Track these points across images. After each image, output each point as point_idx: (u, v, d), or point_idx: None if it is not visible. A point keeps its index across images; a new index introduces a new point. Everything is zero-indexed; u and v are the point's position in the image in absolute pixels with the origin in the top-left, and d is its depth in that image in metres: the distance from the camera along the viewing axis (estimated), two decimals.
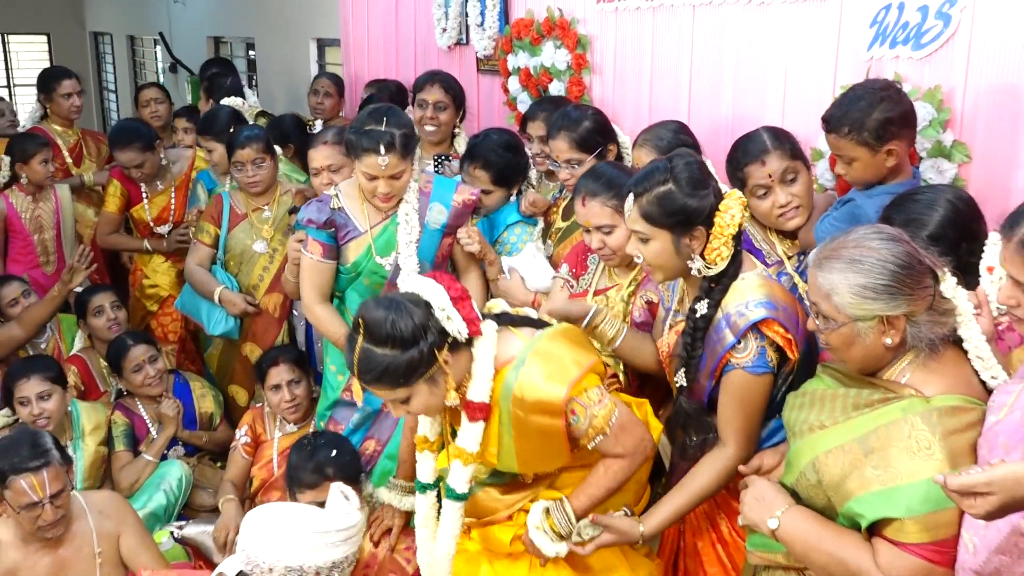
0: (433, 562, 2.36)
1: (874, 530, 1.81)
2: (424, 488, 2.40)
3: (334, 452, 2.67)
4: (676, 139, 2.95)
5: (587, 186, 2.68)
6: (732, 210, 2.20)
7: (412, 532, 2.76)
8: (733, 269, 2.25)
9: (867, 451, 1.80)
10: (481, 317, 2.21)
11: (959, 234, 2.07)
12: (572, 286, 2.85)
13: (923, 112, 2.61)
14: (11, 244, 4.74)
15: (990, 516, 1.49)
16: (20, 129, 5.58)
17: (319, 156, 3.44)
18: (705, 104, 3.43)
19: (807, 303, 2.28)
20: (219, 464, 4.05)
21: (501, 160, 3.31)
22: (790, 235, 2.70)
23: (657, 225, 2.23)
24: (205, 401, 4.16)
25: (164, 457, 3.86)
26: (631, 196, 2.28)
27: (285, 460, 3.53)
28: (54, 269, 4.80)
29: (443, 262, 3.13)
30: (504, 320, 2.28)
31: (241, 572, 1.87)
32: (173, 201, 4.54)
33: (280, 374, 3.62)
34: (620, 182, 2.58)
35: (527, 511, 2.36)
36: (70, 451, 3.61)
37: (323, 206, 3.02)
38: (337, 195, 3.03)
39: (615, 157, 3.20)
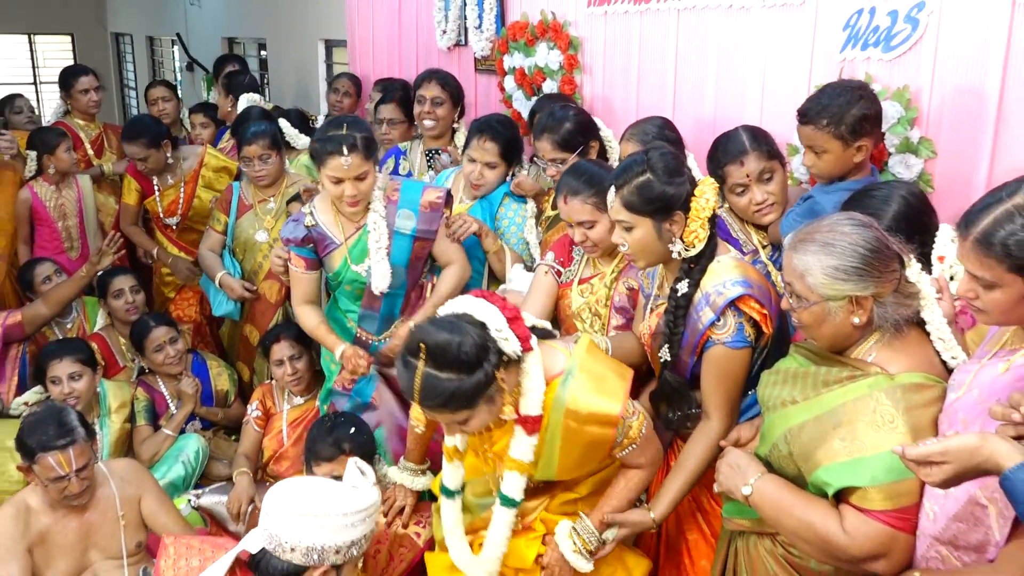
0: (474, 561, 2.31)
1: (840, 497, 1.82)
2: (452, 494, 2.36)
3: (352, 430, 2.68)
4: (660, 134, 2.95)
5: (568, 185, 2.67)
6: (706, 195, 2.24)
7: (421, 508, 2.78)
8: (710, 250, 2.28)
9: (835, 424, 1.82)
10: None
11: (912, 227, 2.08)
12: (559, 273, 2.86)
13: (892, 110, 2.62)
14: (37, 232, 4.74)
15: (946, 484, 1.51)
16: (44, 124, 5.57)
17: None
18: (689, 102, 3.43)
19: (779, 288, 2.31)
20: (233, 437, 4.07)
21: (508, 133, 3.30)
22: (764, 226, 2.72)
23: (639, 213, 2.25)
24: (221, 379, 4.19)
25: (182, 431, 3.88)
26: (613, 189, 2.29)
27: (293, 431, 3.57)
28: (78, 255, 4.80)
29: (417, 263, 3.11)
30: (535, 334, 2.19)
31: (263, 548, 1.85)
32: (182, 195, 4.52)
33: (282, 350, 3.67)
34: (599, 180, 2.59)
35: (544, 521, 2.35)
36: (97, 427, 3.64)
37: (298, 225, 3.04)
38: (312, 212, 3.04)
39: (599, 151, 3.20)
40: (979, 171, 2.45)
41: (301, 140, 4.63)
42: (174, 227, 4.59)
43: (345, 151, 2.81)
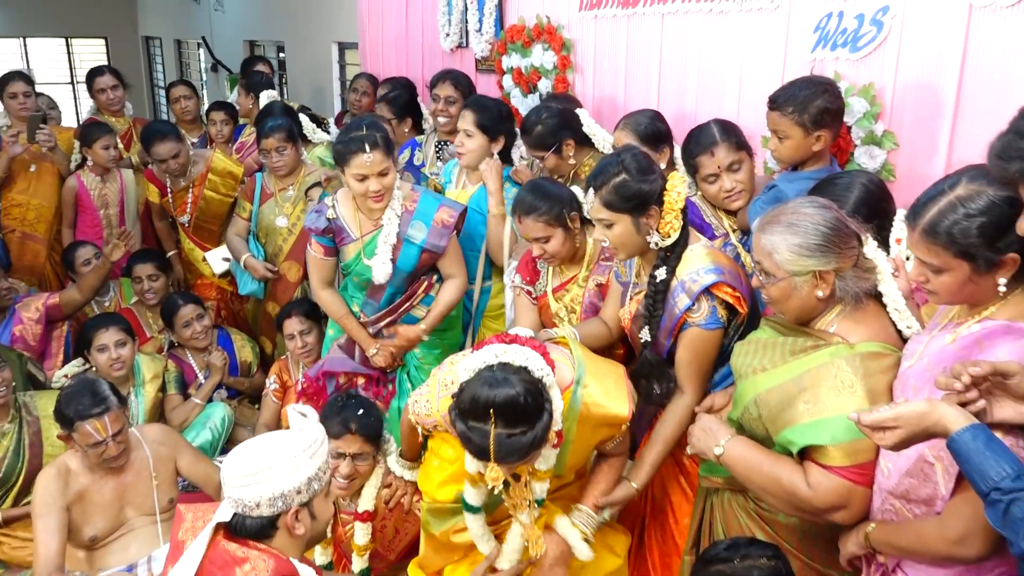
0: (505, 551, 2.23)
1: (805, 455, 1.85)
2: (476, 510, 2.20)
3: (360, 411, 2.67)
4: (652, 125, 2.95)
5: (521, 205, 2.67)
6: (677, 188, 2.25)
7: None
8: (683, 238, 2.30)
9: (800, 389, 1.84)
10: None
11: (872, 212, 2.09)
12: (531, 292, 2.86)
13: (858, 106, 2.62)
14: (80, 218, 4.75)
15: (897, 447, 1.52)
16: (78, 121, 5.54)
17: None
18: (672, 98, 3.43)
19: (749, 269, 2.32)
20: (256, 406, 4.10)
21: (489, 108, 3.28)
22: (734, 212, 2.73)
23: (617, 211, 2.26)
24: (244, 351, 4.22)
25: (210, 400, 3.91)
26: (591, 191, 2.29)
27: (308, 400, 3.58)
28: None
29: (422, 269, 3.10)
30: None
31: (235, 513, 1.82)
32: (190, 197, 4.51)
33: (293, 325, 3.70)
34: (550, 199, 2.62)
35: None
36: (132, 396, 3.67)
37: (320, 216, 3.05)
38: (334, 206, 3.05)
39: (578, 143, 3.19)
40: (937, 162, 2.46)
41: (318, 135, 4.63)
42: (187, 224, 4.60)
43: (367, 148, 2.82)
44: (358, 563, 2.53)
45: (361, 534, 2.51)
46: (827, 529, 1.93)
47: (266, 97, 4.84)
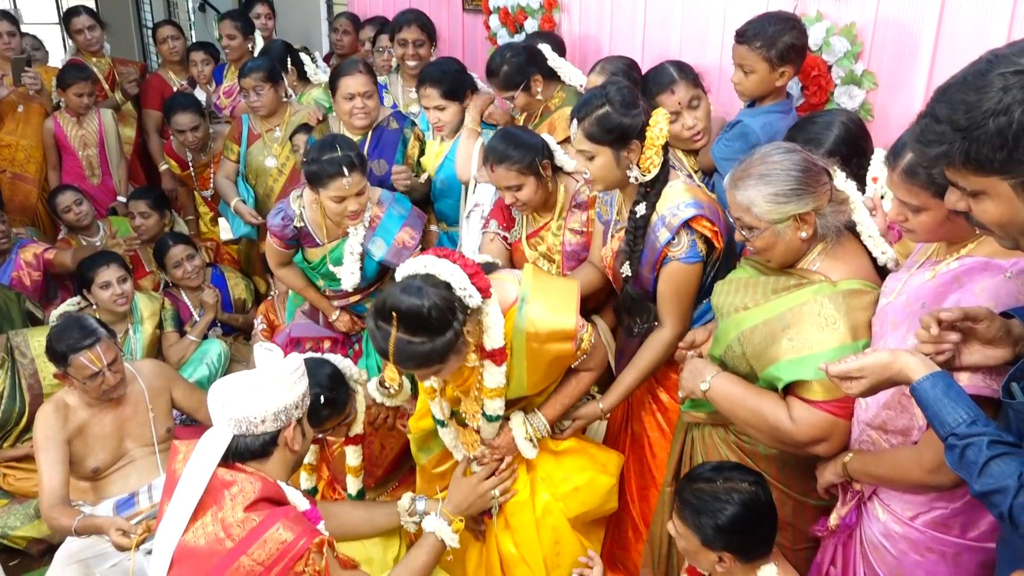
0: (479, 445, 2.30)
1: (788, 390, 1.84)
2: (443, 423, 2.31)
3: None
4: (626, 72, 2.88)
5: (493, 154, 2.57)
6: (660, 124, 2.18)
7: (402, 413, 2.71)
8: (663, 175, 2.23)
9: (784, 327, 1.82)
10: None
11: (851, 150, 2.05)
12: (505, 239, 2.80)
13: (839, 45, 2.55)
14: (64, 160, 4.64)
15: (864, 394, 1.52)
16: (61, 61, 5.34)
17: (356, 83, 3.28)
18: (657, 38, 3.33)
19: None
20: (250, 342, 4.06)
21: (444, 75, 3.19)
22: (694, 153, 2.68)
23: (599, 143, 2.19)
24: (238, 289, 4.18)
25: (205, 336, 3.87)
26: (575, 122, 2.22)
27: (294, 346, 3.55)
28: (99, 182, 4.70)
29: (385, 272, 3.07)
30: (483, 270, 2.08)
31: (233, 436, 1.78)
32: (212, 173, 4.43)
33: None
34: (521, 147, 2.54)
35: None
36: (131, 334, 3.62)
37: (285, 222, 2.94)
38: (301, 214, 2.93)
39: (545, 77, 3.10)
40: (915, 102, 2.41)
41: (318, 75, 4.45)
42: (209, 198, 4.54)
43: (346, 171, 2.71)
44: (353, 484, 2.55)
45: (353, 456, 2.52)
46: (805, 460, 1.93)
47: (258, 37, 4.67)
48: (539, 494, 2.32)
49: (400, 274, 1.94)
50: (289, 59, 4.19)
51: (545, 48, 3.16)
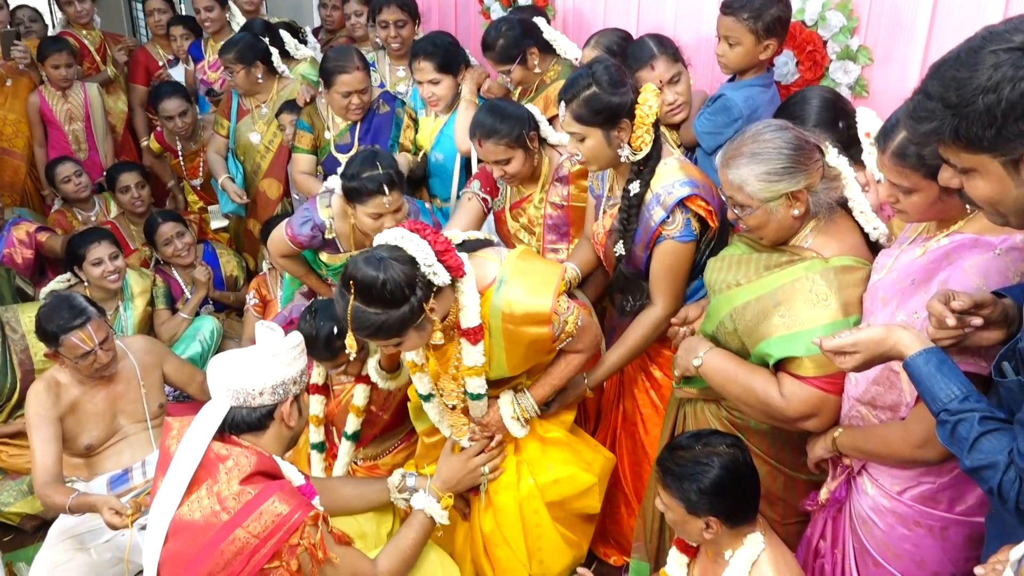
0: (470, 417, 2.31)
1: (779, 366, 1.85)
2: (428, 397, 2.32)
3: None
4: (622, 44, 2.84)
5: (481, 129, 2.55)
6: (649, 101, 2.16)
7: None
8: (656, 152, 2.22)
9: (776, 303, 1.83)
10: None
11: (833, 114, 2.06)
12: (485, 201, 2.78)
13: (835, 20, 2.54)
14: (50, 134, 4.60)
15: (858, 369, 1.53)
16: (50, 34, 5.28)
17: (353, 81, 3.25)
18: (651, 11, 3.29)
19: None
20: (243, 318, 4.05)
21: (438, 49, 3.17)
22: (675, 127, 2.66)
23: (588, 124, 2.17)
24: (230, 266, 4.16)
25: (197, 313, 3.86)
26: (563, 104, 2.20)
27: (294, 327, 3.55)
28: (86, 156, 4.65)
29: None
30: (467, 247, 2.11)
31: (229, 408, 1.79)
32: (202, 161, 4.40)
33: None
34: (508, 120, 2.52)
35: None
36: (121, 311, 3.61)
37: (317, 236, 2.90)
38: (331, 225, 2.89)
39: (541, 50, 3.09)
40: (910, 78, 2.40)
41: (300, 51, 4.40)
42: (198, 187, 4.52)
43: (387, 190, 2.65)
44: (352, 423, 2.57)
45: (360, 396, 2.54)
46: (796, 435, 1.95)
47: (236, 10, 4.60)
48: (524, 477, 2.33)
49: (376, 242, 1.96)
50: (269, 38, 4.11)
51: (540, 21, 3.13)
